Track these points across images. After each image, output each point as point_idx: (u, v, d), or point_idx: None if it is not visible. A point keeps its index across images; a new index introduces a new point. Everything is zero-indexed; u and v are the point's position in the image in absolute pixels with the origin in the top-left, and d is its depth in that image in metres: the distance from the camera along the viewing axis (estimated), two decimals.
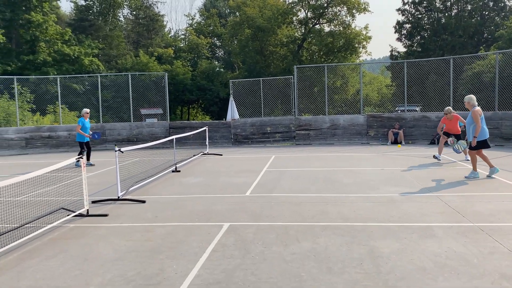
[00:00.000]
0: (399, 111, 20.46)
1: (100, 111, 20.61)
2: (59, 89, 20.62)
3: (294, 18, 42.99)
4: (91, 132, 13.63)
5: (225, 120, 19.82)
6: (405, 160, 12.82)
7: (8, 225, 6.44)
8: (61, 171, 11.53)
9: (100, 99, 20.43)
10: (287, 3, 42.89)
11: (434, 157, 12.17)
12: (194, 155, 14.56)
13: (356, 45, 40.53)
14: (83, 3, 47.00)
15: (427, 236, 5.61)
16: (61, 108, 28.27)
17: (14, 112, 23.60)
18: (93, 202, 8.18)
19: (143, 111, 32.49)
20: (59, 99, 20.72)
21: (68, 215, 6.92)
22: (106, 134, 19.51)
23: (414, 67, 20.24)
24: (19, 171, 12.56)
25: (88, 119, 13.79)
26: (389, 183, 9.24)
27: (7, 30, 37.52)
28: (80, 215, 7.10)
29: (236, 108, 19.30)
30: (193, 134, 16.20)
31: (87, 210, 7.19)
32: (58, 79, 20.64)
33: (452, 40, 38.08)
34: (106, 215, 7.17)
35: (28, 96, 26.21)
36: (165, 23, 58.05)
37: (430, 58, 23.07)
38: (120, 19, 50.71)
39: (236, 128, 18.73)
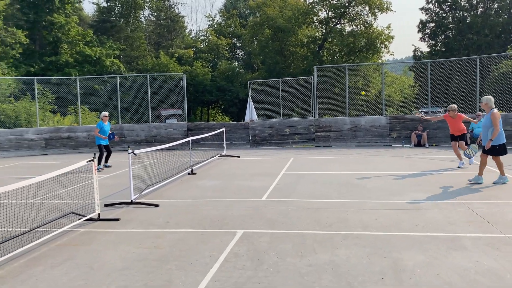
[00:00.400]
0: (422, 112, 19.84)
1: (119, 112, 20.61)
2: (78, 90, 20.67)
3: (315, 18, 42.51)
4: (109, 132, 13.54)
5: (243, 121, 19.55)
6: (429, 163, 12.32)
7: (18, 229, 6.29)
8: (76, 172, 11.43)
9: (119, 100, 20.42)
10: (307, 3, 42.44)
11: (459, 167, 11.54)
12: (211, 157, 14.33)
13: (378, 45, 39.82)
14: (105, 4, 47.46)
15: (455, 248, 5.21)
16: (82, 108, 28.51)
17: (35, 113, 23.86)
18: (106, 205, 7.99)
19: (163, 112, 32.52)
20: (79, 99, 20.75)
21: (79, 219, 6.74)
22: (125, 135, 19.46)
23: (438, 67, 19.63)
24: (37, 172, 12.53)
25: (108, 122, 13.66)
26: (412, 188, 8.81)
27: (31, 32, 38.11)
28: (91, 219, 6.91)
29: (254, 109, 19.02)
30: (211, 135, 15.97)
31: (98, 214, 6.99)
32: (78, 80, 20.69)
33: (478, 39, 37.03)
34: (117, 220, 6.96)
35: (50, 97, 26.46)
36: (185, 24, 58.25)
37: (455, 58, 22.35)
38: (141, 20, 51.03)
39: (255, 129, 18.44)
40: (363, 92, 15.36)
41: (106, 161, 13.82)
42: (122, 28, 46.15)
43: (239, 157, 14.96)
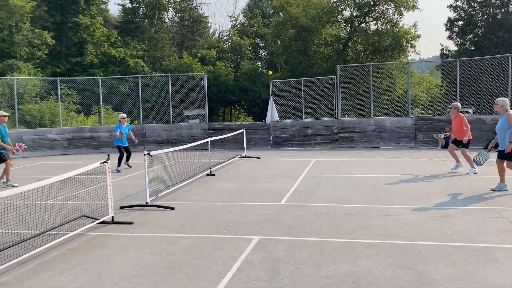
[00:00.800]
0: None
1: (140, 112, 20.65)
2: (100, 90, 20.78)
3: (339, 17, 41.89)
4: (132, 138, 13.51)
5: (265, 121, 19.27)
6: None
7: (30, 232, 6.17)
8: (93, 173, 11.38)
9: (140, 100, 20.43)
10: (331, 1, 41.84)
11: (452, 169, 10.88)
12: (231, 158, 14.10)
13: (404, 44, 38.92)
14: (130, 6, 47.89)
15: (487, 261, 4.80)
16: (105, 109, 28.74)
17: (59, 113, 24.13)
18: (122, 207, 7.84)
19: (186, 112, 32.54)
20: (101, 100, 20.87)
21: (92, 222, 6.58)
22: (146, 135, 19.44)
23: (467, 66, 18.91)
24: (57, 172, 12.53)
25: (126, 124, 13.57)
26: (440, 193, 8.36)
27: (57, 33, 38.75)
28: (105, 222, 6.75)
29: (276, 110, 18.70)
30: (231, 136, 15.75)
31: (112, 217, 6.82)
32: (100, 80, 20.78)
33: (509, 37, 35.74)
34: (131, 223, 6.78)
35: (75, 97, 26.75)
36: (209, 24, 58.37)
37: (485, 57, 21.54)
38: (165, 21, 51.32)
39: (276, 130, 18.13)
40: (270, 72, 14.76)
41: (127, 160, 13.72)
42: (146, 29, 46.48)
43: (259, 158, 14.69)
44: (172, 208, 7.64)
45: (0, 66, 28.35)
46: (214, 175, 11.23)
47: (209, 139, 11.71)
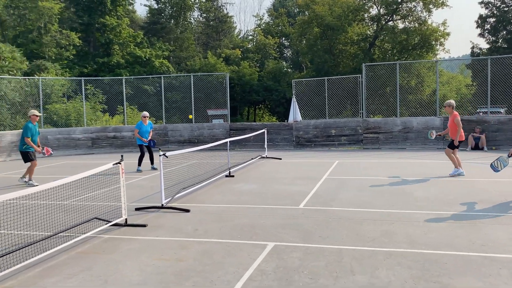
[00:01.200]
0: (481, 113, 18.46)
1: (163, 111, 20.67)
2: (124, 90, 20.88)
3: (366, 15, 41.12)
4: (149, 138, 13.23)
5: (287, 121, 18.96)
6: (488, 169, 11.19)
7: (41, 233, 6.08)
8: (110, 173, 11.32)
9: (163, 100, 20.43)
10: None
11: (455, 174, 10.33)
12: (252, 159, 13.87)
13: (433, 42, 37.89)
14: (156, 6, 48.27)
15: None
16: (131, 108, 28.97)
17: (85, 113, 24.39)
18: (137, 209, 7.70)
19: (210, 112, 32.53)
20: (124, 99, 20.96)
21: (106, 224, 6.45)
22: (168, 135, 19.43)
23: (499, 64, 18.13)
24: (79, 172, 12.54)
25: (148, 122, 13.38)
26: (469, 198, 7.91)
27: (85, 34, 39.37)
28: (118, 224, 6.60)
29: (298, 109, 18.36)
30: (251, 136, 15.51)
31: (126, 219, 6.67)
32: (124, 80, 20.87)
33: None
34: (144, 226, 6.61)
35: (100, 97, 27.04)
36: (234, 24, 58.36)
37: None
38: (191, 21, 51.52)
39: (298, 130, 17.79)
40: (190, 116, 14.49)
41: (152, 163, 13.41)
42: (172, 30, 46.77)
43: (280, 159, 14.40)
44: (187, 211, 7.45)
45: (29, 66, 28.88)
46: (233, 176, 11.00)
47: (228, 140, 11.49)
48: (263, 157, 14.52)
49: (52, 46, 33.97)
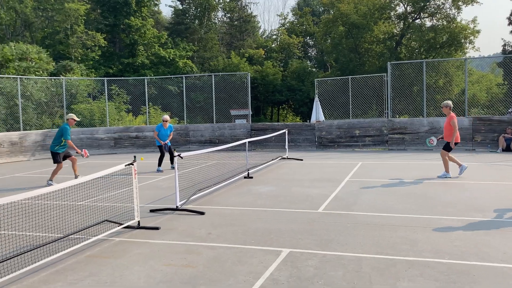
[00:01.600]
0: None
1: (185, 112, 20.63)
2: (146, 90, 20.91)
3: (392, 13, 40.28)
4: (168, 141, 13.17)
5: (309, 121, 18.60)
6: None
7: (52, 235, 5.97)
8: (126, 173, 11.25)
9: (184, 100, 20.38)
10: None
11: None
12: (272, 159, 13.60)
13: (462, 41, 36.82)
14: (180, 7, 48.50)
15: None
16: (154, 108, 29.13)
17: (110, 113, 24.58)
18: (152, 211, 7.54)
19: (233, 112, 32.42)
20: (146, 100, 21.02)
21: (118, 226, 6.29)
22: (190, 135, 19.34)
23: None
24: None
25: (169, 125, 13.34)
26: (500, 203, 7.44)
27: (111, 35, 39.87)
28: (130, 227, 6.44)
29: (321, 109, 17.99)
30: (271, 136, 15.24)
31: (138, 221, 6.51)
32: (146, 81, 20.89)
33: None
34: (157, 229, 6.43)
35: (125, 97, 27.25)
36: (258, 24, 58.17)
37: None
38: (215, 21, 51.57)
39: (321, 130, 17.41)
40: (142, 158, 14.12)
41: (171, 162, 13.42)
42: (196, 30, 46.91)
43: (302, 160, 14.08)
44: (202, 213, 7.25)
45: (55, 67, 29.35)
46: (252, 177, 10.76)
47: (246, 140, 11.24)
48: (284, 158, 14.23)
49: (78, 47, 34.47)
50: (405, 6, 39.63)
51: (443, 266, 4.65)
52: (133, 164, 6.38)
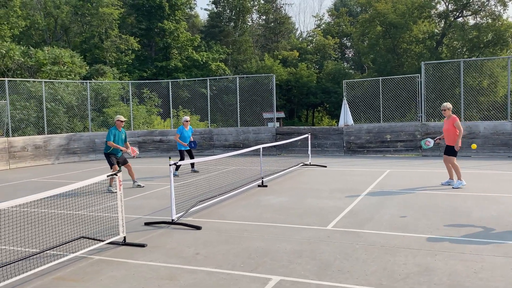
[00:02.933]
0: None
1: (209, 115, 20.15)
2: (170, 93, 20.60)
3: (432, 12, 38.50)
4: (190, 141, 12.80)
5: (337, 125, 17.67)
6: None
7: (28, 250, 5.49)
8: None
9: (208, 103, 19.90)
10: None
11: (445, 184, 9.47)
12: (295, 165, 12.82)
13: (509, 39, 34.66)
14: (215, 10, 48.39)
15: None
16: (184, 112, 28.92)
17: (137, 116, 24.48)
18: (146, 224, 6.97)
19: (266, 115, 31.79)
20: (170, 102, 20.69)
21: (101, 242, 5.74)
22: (213, 139, 18.82)
23: None
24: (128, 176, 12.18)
25: (189, 127, 12.96)
26: None
27: (146, 39, 40.16)
28: (115, 243, 5.88)
29: (350, 112, 17.02)
30: (294, 141, 14.46)
31: (124, 237, 5.93)
32: (170, 83, 20.56)
33: None
34: (143, 246, 5.84)
35: (156, 100, 27.16)
36: (294, 26, 57.34)
37: None
38: (249, 24, 51.15)
39: (349, 135, 16.44)
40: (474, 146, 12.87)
41: (192, 166, 13.19)
42: (230, 33, 46.62)
43: (325, 166, 13.21)
44: (198, 228, 6.61)
45: (88, 70, 29.69)
46: (266, 186, 10.04)
47: (261, 146, 10.51)
48: (306, 165, 13.40)
49: (112, 51, 34.82)
50: (446, 4, 37.83)
51: None
52: (116, 175, 5.82)
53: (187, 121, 12.87)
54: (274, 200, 8.52)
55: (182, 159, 12.72)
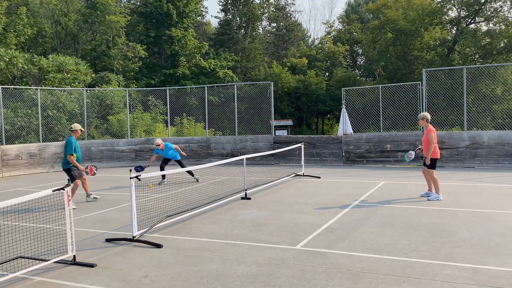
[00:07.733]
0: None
1: (206, 122, 19.81)
2: (168, 100, 20.30)
3: (444, 18, 37.73)
4: (147, 164, 13.05)
5: (336, 134, 17.15)
6: None
7: None
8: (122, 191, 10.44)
9: (206, 111, 19.53)
10: (435, 2, 37.85)
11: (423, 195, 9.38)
12: (287, 176, 12.35)
13: None
14: (224, 18, 48.30)
15: None
16: (188, 119, 28.68)
17: (138, 124, 24.28)
18: (107, 240, 6.59)
19: (274, 123, 31.39)
20: (168, 111, 20.42)
21: (45, 262, 5.36)
22: (211, 147, 18.43)
23: None
24: (115, 185, 11.89)
25: (165, 143, 12.82)
26: None
27: (155, 46, 40.18)
28: (64, 262, 5.50)
29: (349, 121, 16.49)
30: (288, 150, 13.98)
31: (74, 256, 5.54)
32: (168, 91, 20.27)
33: None
34: (92, 266, 5.44)
35: (161, 108, 26.95)
36: (305, 33, 56.96)
37: None
38: (259, 31, 50.93)
39: (348, 144, 15.89)
40: (150, 185, 12.32)
41: (192, 175, 12.81)
42: (239, 40, 46.43)
43: (319, 178, 12.69)
44: (159, 246, 6.19)
45: (93, 78, 29.69)
46: (249, 198, 9.59)
47: (245, 156, 10.05)
48: (299, 175, 12.91)
49: (119, 58, 34.84)
50: (458, 10, 37.02)
51: None
52: (64, 189, 5.44)
53: (158, 145, 12.65)
54: (251, 215, 8.05)
55: (161, 169, 12.83)
